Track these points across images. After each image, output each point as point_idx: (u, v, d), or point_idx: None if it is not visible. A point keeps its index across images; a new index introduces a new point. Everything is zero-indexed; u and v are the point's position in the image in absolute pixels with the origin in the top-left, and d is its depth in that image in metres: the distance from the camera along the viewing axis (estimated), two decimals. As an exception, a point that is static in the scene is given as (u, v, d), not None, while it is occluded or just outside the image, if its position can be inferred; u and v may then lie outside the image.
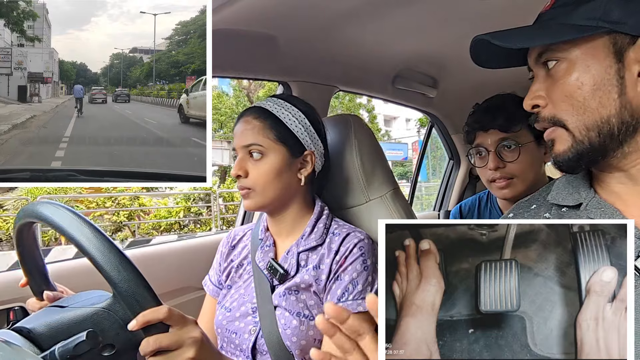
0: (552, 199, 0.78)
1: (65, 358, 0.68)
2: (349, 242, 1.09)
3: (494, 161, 1.41)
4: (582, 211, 0.71)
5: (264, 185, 1.09)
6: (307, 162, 1.14)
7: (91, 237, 0.72)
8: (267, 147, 1.09)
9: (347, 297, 1.04)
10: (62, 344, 0.70)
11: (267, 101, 1.17)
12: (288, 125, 1.12)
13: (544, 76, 0.72)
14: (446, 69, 2.07)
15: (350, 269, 1.05)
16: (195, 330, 0.77)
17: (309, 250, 1.12)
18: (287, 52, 1.57)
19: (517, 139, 1.39)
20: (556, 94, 0.69)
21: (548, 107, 0.71)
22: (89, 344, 0.70)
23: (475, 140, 1.47)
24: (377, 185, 1.28)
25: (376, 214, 1.26)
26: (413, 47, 1.80)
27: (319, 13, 1.40)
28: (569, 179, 0.77)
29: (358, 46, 1.68)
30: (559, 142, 0.70)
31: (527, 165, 1.40)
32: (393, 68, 1.99)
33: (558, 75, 0.69)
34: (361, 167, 1.26)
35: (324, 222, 1.15)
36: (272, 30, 1.46)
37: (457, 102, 2.37)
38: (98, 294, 0.84)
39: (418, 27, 1.60)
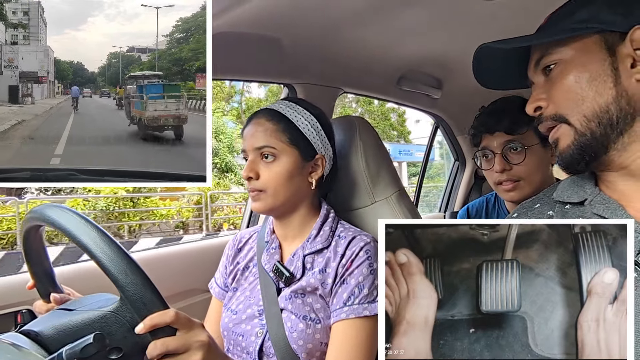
0: (557, 197, 0.79)
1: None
2: (355, 245, 1.08)
3: (500, 163, 1.41)
4: (587, 207, 0.72)
5: (275, 188, 1.09)
6: (318, 166, 1.14)
7: (98, 240, 0.72)
8: (279, 149, 1.09)
9: (353, 301, 1.03)
10: (69, 347, 0.70)
11: (278, 104, 1.17)
12: (301, 128, 1.12)
13: (544, 82, 0.76)
14: (451, 69, 2.06)
15: (356, 272, 1.05)
16: (203, 334, 0.77)
17: (314, 253, 1.12)
18: (291, 54, 1.58)
19: (523, 141, 1.39)
20: (556, 93, 0.73)
21: (550, 107, 0.74)
22: (96, 347, 0.70)
23: (482, 143, 1.47)
24: (382, 186, 1.28)
25: (382, 215, 1.26)
26: (417, 48, 1.80)
27: (323, 15, 1.40)
28: (574, 179, 0.79)
29: (362, 48, 1.68)
30: (562, 138, 0.73)
31: (534, 168, 1.39)
32: (397, 69, 1.99)
33: (557, 77, 0.73)
34: (366, 169, 1.26)
35: (330, 225, 1.15)
36: (276, 33, 1.47)
37: (462, 102, 2.37)
38: (105, 297, 0.84)
39: (422, 28, 1.60)
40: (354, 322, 1.03)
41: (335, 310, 1.05)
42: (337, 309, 1.05)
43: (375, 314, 1.04)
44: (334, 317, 1.05)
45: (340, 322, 1.03)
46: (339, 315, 1.03)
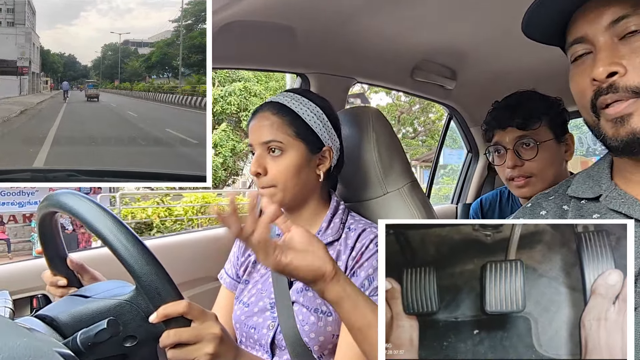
0: (572, 192, 0.76)
1: (86, 345, 0.70)
2: (365, 237, 1.08)
3: (512, 159, 1.40)
4: (602, 202, 0.70)
5: (284, 182, 1.09)
6: (326, 158, 1.14)
7: (115, 230, 0.74)
8: (286, 143, 1.09)
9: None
10: (83, 331, 0.72)
11: (283, 96, 1.16)
12: (307, 121, 1.12)
13: (616, 44, 0.65)
14: (465, 60, 2.04)
15: (366, 265, 1.05)
16: (216, 327, 0.78)
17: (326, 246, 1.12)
18: (304, 44, 1.57)
19: (535, 136, 1.38)
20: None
21: (628, 76, 0.63)
22: (110, 332, 0.72)
23: (494, 138, 1.46)
24: (394, 177, 1.28)
25: (394, 206, 1.27)
26: (431, 39, 1.78)
27: (336, 3, 1.39)
28: (590, 173, 0.76)
29: (376, 37, 1.67)
30: (639, 114, 0.63)
31: (546, 164, 1.38)
32: (411, 60, 1.97)
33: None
34: (379, 160, 1.26)
35: (340, 217, 1.14)
36: (289, 22, 1.46)
37: (476, 94, 2.35)
38: (120, 285, 0.86)
39: (436, 18, 1.58)
40: None
41: None
42: None
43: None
44: None
45: None
46: None
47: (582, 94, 0.69)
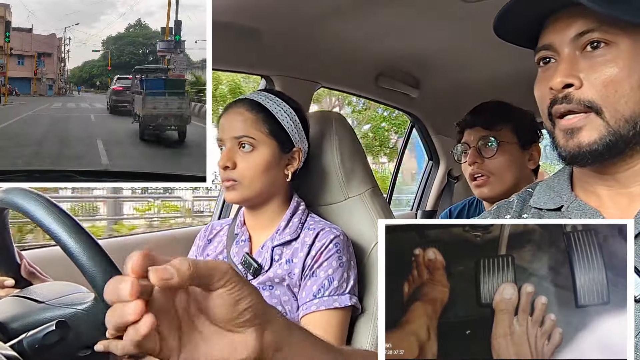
0: (534, 203, 0.76)
1: (33, 348, 0.66)
2: (324, 237, 1.09)
3: (473, 156, 1.45)
4: (564, 213, 0.71)
5: (251, 179, 1.09)
6: (295, 159, 1.15)
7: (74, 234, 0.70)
8: (258, 140, 1.09)
9: (323, 293, 1.05)
10: (30, 334, 0.68)
11: (258, 95, 1.17)
12: (280, 120, 1.13)
13: (578, 57, 0.65)
14: (428, 69, 2.08)
15: (325, 265, 1.06)
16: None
17: (283, 245, 1.12)
18: (270, 46, 1.57)
19: (497, 137, 1.44)
20: (598, 78, 0.63)
21: (584, 89, 0.63)
22: (59, 334, 0.68)
23: (463, 138, 1.52)
24: (356, 183, 1.28)
25: (355, 211, 1.27)
26: (397, 46, 1.81)
27: (304, 7, 1.40)
28: (550, 184, 0.76)
29: (342, 42, 1.69)
30: (587, 130, 0.63)
31: (505, 165, 1.43)
32: (376, 66, 2.00)
33: (604, 62, 0.63)
34: (341, 165, 1.26)
35: (299, 217, 1.15)
36: (256, 24, 1.46)
37: (438, 103, 2.40)
38: (74, 291, 0.83)
39: (402, 25, 1.61)
40: (324, 314, 1.04)
41: (305, 303, 1.06)
42: (306, 302, 1.05)
43: (345, 305, 1.06)
44: (304, 309, 1.06)
45: (310, 314, 1.04)
46: (309, 308, 1.05)
47: (541, 100, 0.69)
